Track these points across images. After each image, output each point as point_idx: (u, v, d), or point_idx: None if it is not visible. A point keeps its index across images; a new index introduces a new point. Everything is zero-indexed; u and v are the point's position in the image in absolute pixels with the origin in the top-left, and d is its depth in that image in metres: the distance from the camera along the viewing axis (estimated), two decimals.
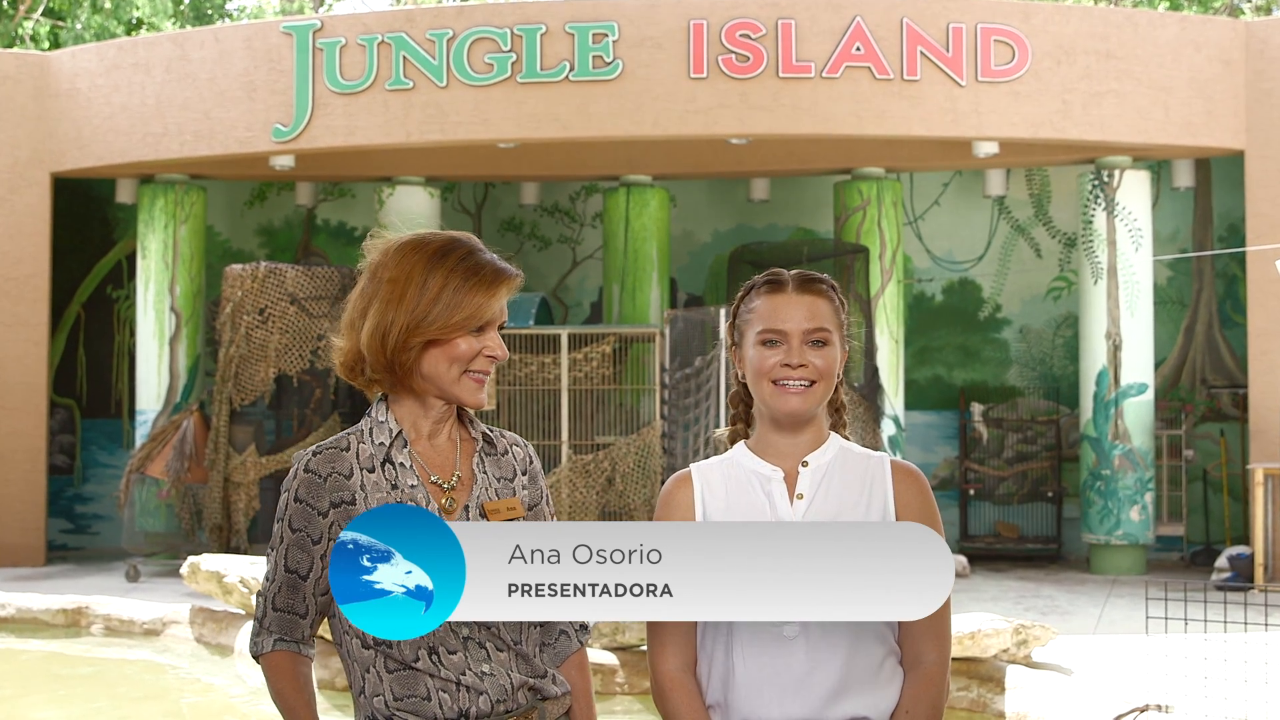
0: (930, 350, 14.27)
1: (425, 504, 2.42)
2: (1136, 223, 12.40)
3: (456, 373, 2.44)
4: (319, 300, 12.35)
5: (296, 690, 2.46)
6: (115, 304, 14.95)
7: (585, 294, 14.84)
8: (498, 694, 2.40)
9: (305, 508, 2.43)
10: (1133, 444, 12.32)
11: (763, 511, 2.49)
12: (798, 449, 2.53)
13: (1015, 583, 11.82)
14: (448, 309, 2.40)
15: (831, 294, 2.56)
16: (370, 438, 2.48)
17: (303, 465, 2.46)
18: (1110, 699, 6.56)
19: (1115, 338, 12.35)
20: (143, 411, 13.09)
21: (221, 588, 8.96)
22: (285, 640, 2.47)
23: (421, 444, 2.49)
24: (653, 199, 13.35)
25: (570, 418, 11.48)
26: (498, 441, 2.58)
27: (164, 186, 13.20)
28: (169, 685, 8.67)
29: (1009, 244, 14.28)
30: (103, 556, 13.82)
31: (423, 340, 2.41)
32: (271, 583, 2.47)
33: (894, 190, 12.85)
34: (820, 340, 2.50)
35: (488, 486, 2.50)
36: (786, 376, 2.48)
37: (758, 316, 2.54)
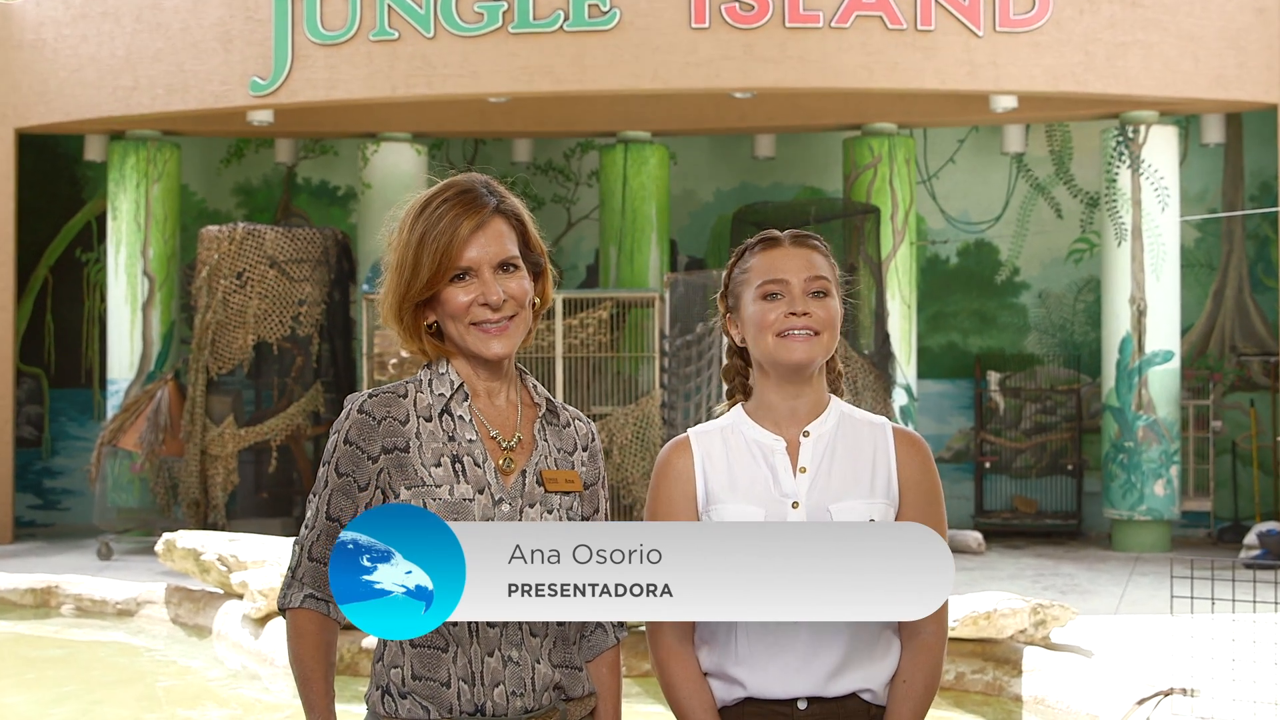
0: (944, 316, 14.25)
1: (482, 460, 2.42)
2: (1163, 181, 12.36)
3: (464, 328, 2.44)
4: (300, 263, 12.32)
5: (316, 657, 2.41)
6: (85, 267, 14.92)
7: (581, 256, 14.82)
8: (515, 685, 2.38)
9: (355, 451, 2.42)
10: (1157, 414, 12.31)
11: (766, 485, 2.55)
12: (797, 414, 2.59)
13: (1033, 560, 11.84)
14: (418, 267, 2.41)
15: (826, 251, 2.64)
16: (430, 388, 2.48)
17: (356, 406, 2.45)
18: (1133, 682, 6.57)
19: (1140, 302, 12.33)
20: (114, 381, 13.08)
21: (198, 566, 8.97)
22: (316, 597, 2.42)
23: (482, 401, 2.50)
24: (652, 156, 13.31)
25: (565, 387, 11.48)
26: (561, 413, 2.58)
27: (135, 143, 13.15)
28: (143, 668, 8.68)
29: (1028, 204, 14.25)
30: (73, 533, 13.83)
31: (412, 303, 2.42)
32: (311, 529, 2.44)
33: (906, 147, 12.81)
34: (821, 290, 2.57)
35: (548, 454, 2.50)
36: (791, 326, 2.54)
37: (755, 273, 2.61)
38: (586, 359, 11.56)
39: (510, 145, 14.64)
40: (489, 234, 2.45)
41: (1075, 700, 6.79)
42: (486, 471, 2.42)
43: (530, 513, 2.42)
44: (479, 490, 2.40)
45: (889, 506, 2.53)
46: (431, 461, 2.41)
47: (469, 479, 2.40)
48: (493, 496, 2.40)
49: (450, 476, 2.39)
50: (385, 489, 2.41)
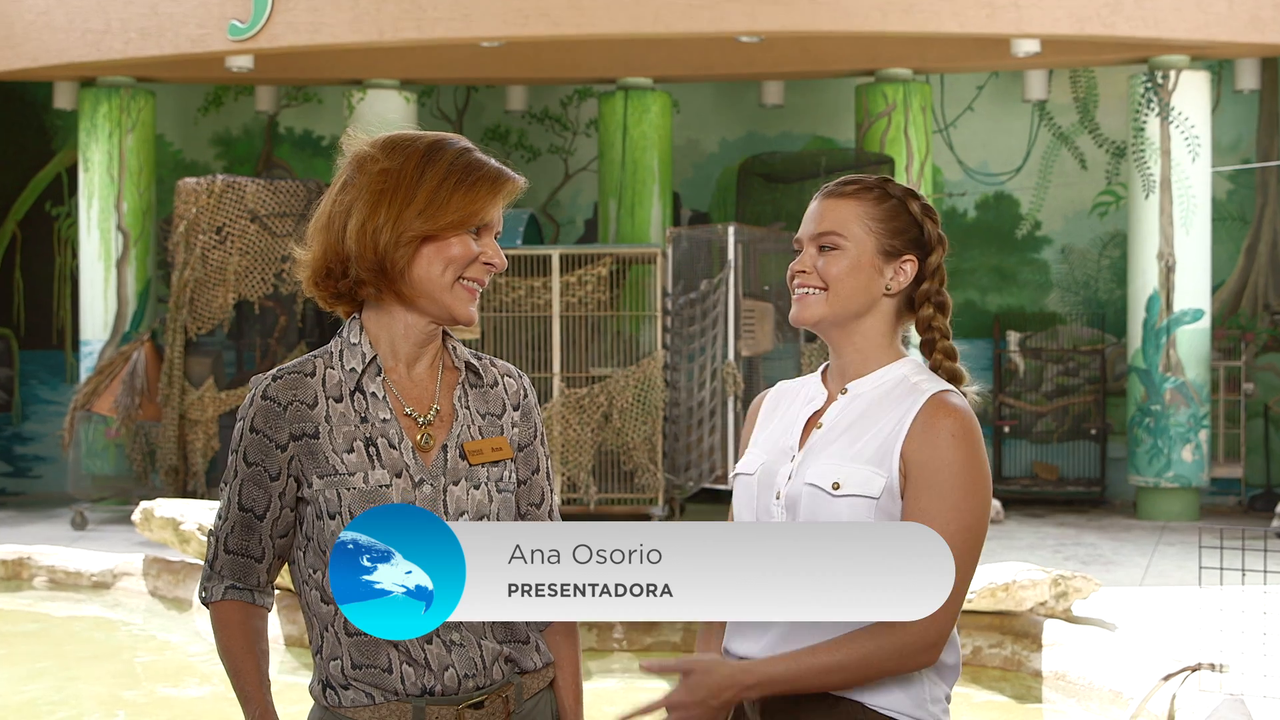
0: (961, 273, 14.24)
1: (398, 440, 2.40)
2: (1194, 130, 12.33)
3: (450, 278, 2.40)
4: (282, 217, 12.31)
5: (245, 646, 2.45)
6: (55, 222, 14.90)
7: (579, 210, 14.79)
8: (466, 668, 2.39)
9: (262, 439, 2.41)
10: (1186, 376, 12.32)
11: (782, 435, 2.61)
12: (843, 370, 2.62)
13: (1054, 529, 11.88)
14: (445, 204, 2.38)
15: (864, 195, 2.58)
16: (340, 362, 2.45)
17: (260, 391, 2.43)
18: (1159, 657, 6.60)
19: (1168, 258, 12.32)
20: (88, 342, 13.09)
21: (177, 536, 8.99)
22: (238, 587, 2.46)
23: (398, 372, 2.47)
24: (653, 104, 13.27)
25: (563, 348, 11.48)
26: (485, 372, 2.55)
27: (107, 91, 13.11)
28: (121, 643, 8.73)
29: (1050, 154, 14.22)
30: (46, 502, 13.87)
31: (419, 235, 2.37)
32: (224, 521, 2.45)
33: (922, 94, 12.77)
34: (829, 245, 2.56)
35: (470, 424, 2.48)
36: (797, 284, 2.60)
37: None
38: (585, 318, 11.55)
39: (504, 93, 14.60)
40: (502, 201, 2.44)
41: (1098, 676, 6.82)
42: (404, 453, 2.40)
43: (455, 490, 2.41)
44: (396, 474, 2.38)
45: (878, 476, 2.44)
46: (344, 447, 2.39)
47: (384, 463, 2.38)
48: (412, 479, 2.39)
49: (364, 463, 2.38)
50: (298, 476, 2.41)
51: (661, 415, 11.37)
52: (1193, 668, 6.34)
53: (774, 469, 2.57)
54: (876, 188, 2.59)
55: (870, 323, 2.58)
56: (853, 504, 2.44)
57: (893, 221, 2.58)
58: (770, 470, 2.57)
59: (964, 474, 2.43)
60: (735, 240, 11.27)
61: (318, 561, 2.41)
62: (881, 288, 2.57)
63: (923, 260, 2.60)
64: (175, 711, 7.26)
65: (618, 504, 11.44)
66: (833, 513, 2.44)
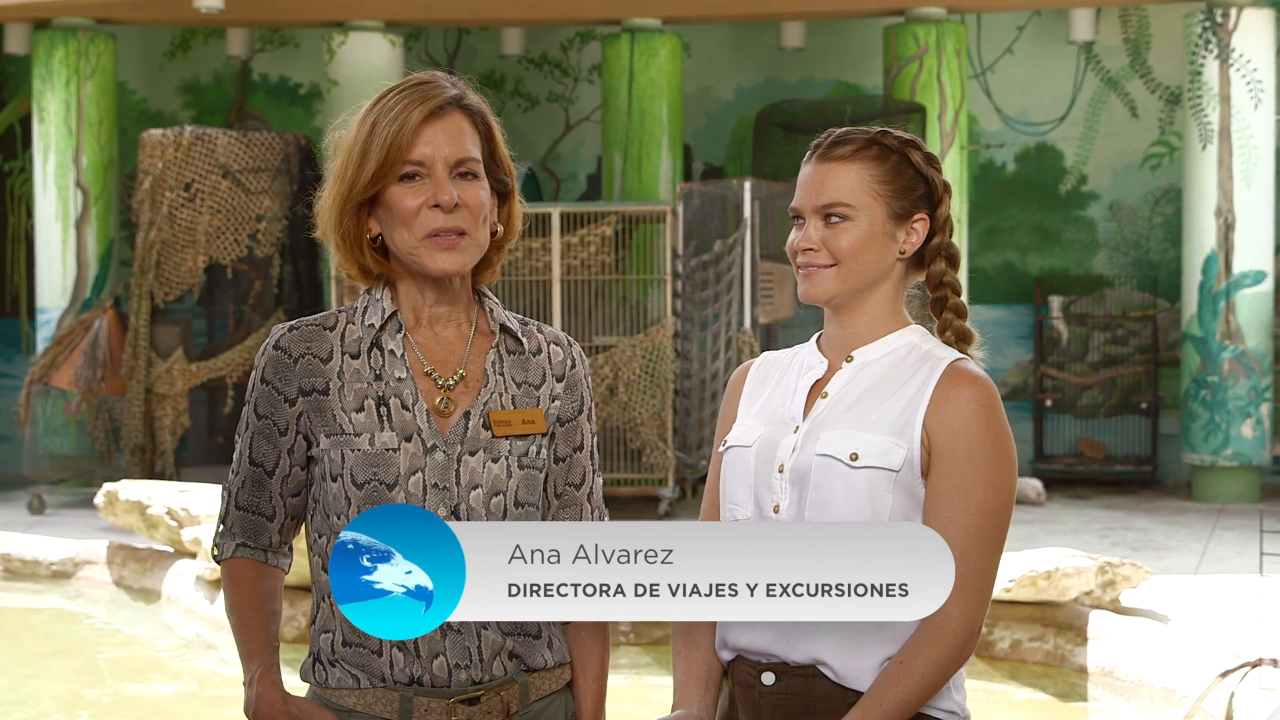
0: (1000, 231, 14.22)
1: (412, 402, 2.42)
2: (1256, 74, 12.28)
3: (412, 237, 2.40)
4: (257, 173, 12.30)
5: (253, 604, 2.46)
6: (8, 178, 14.89)
7: (581, 164, 14.78)
8: (458, 656, 2.39)
9: (271, 391, 2.46)
10: (1246, 345, 12.31)
11: (781, 405, 2.60)
12: (847, 339, 2.62)
13: (1101, 512, 11.88)
14: (370, 156, 2.38)
15: (863, 156, 2.56)
16: (361, 318, 2.49)
17: (274, 340, 2.47)
18: (1215, 652, 6.61)
19: (1227, 215, 12.29)
20: (45, 309, 13.09)
21: (145, 521, 9.02)
22: (249, 546, 2.50)
23: (422, 332, 2.48)
24: (662, 48, 13.23)
25: (564, 314, 11.48)
26: (529, 338, 2.54)
27: (64, 34, 13.08)
28: (83, 637, 8.75)
29: (1098, 101, 14.17)
30: (0, 485, 13.90)
31: (355, 204, 2.40)
32: (236, 475, 2.51)
33: (957, 35, 12.72)
34: (838, 215, 2.54)
35: (501, 392, 2.48)
36: (802, 260, 2.58)
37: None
38: (588, 282, 11.55)
39: (499, 36, 14.56)
40: (446, 127, 2.40)
41: (1148, 672, 6.83)
42: (417, 415, 2.41)
43: (470, 460, 2.41)
44: (405, 438, 2.39)
45: (898, 448, 2.46)
46: (353, 406, 2.42)
47: (394, 425, 2.40)
48: (424, 444, 2.40)
49: (373, 423, 2.40)
50: (307, 434, 2.45)
51: (671, 388, 11.37)
52: (1253, 664, 6.35)
53: (775, 440, 2.56)
54: (874, 144, 2.57)
55: (883, 289, 2.61)
56: (871, 477, 2.45)
57: (898, 180, 2.57)
58: (770, 442, 2.56)
59: (994, 446, 2.47)
60: (752, 197, 11.25)
61: (324, 526, 2.44)
62: (895, 253, 2.59)
63: (932, 215, 2.61)
64: (143, 711, 7.29)
65: (624, 484, 11.45)
66: (849, 486, 2.46)
